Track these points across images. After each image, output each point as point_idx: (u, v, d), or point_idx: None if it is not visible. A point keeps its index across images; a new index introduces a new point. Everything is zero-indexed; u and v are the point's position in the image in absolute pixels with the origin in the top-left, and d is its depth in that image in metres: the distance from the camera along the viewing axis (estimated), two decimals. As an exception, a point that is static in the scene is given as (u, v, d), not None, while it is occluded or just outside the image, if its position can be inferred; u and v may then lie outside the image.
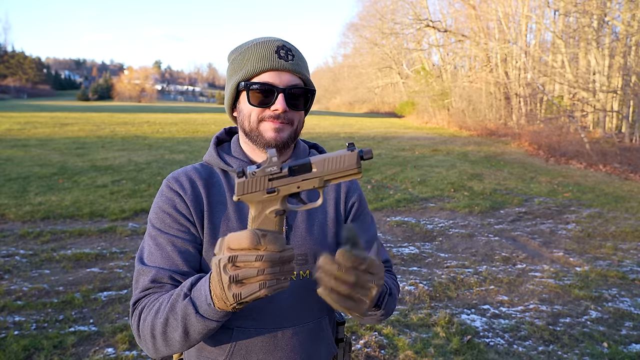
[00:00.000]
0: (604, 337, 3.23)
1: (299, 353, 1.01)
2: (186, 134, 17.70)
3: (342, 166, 0.72)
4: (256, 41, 1.00)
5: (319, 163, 0.73)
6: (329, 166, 0.72)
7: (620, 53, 14.23)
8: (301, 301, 1.00)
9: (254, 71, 0.96)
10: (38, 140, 13.98)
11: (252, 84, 0.96)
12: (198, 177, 1.02)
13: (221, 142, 1.13)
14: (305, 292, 1.00)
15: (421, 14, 28.35)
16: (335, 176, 0.72)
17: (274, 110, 0.96)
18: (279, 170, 0.73)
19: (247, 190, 0.74)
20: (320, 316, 1.05)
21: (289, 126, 0.99)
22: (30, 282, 3.89)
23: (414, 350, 3.00)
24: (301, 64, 1.00)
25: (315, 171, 0.73)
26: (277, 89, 0.95)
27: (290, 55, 0.97)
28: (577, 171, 10.74)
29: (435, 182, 8.82)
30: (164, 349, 0.88)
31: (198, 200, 1.00)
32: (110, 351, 2.91)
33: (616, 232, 5.88)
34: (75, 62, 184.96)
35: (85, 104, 52.02)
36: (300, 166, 0.73)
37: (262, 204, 0.74)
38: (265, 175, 0.73)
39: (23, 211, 5.97)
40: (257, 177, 0.73)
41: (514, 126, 19.90)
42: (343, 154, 0.72)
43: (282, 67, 0.95)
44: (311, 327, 1.03)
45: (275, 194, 0.74)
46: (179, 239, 0.96)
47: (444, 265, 4.60)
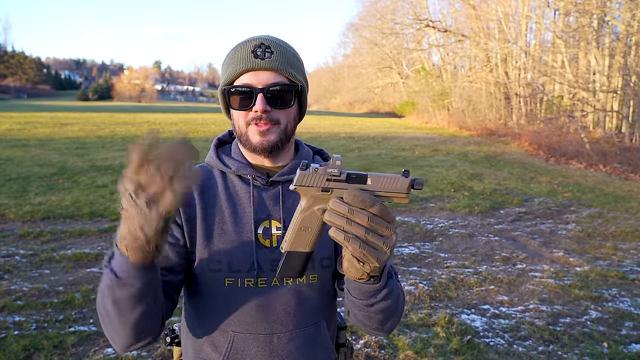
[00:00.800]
0: (604, 337, 3.23)
1: (295, 358, 1.00)
2: (186, 134, 17.67)
3: (394, 187, 0.76)
4: (238, 44, 0.99)
5: (374, 178, 0.76)
6: (382, 184, 0.76)
7: (620, 53, 14.23)
8: (298, 306, 0.99)
9: (233, 75, 0.95)
10: (38, 140, 13.98)
11: (231, 88, 0.95)
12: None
13: (223, 143, 1.13)
14: (301, 297, 0.99)
15: (421, 14, 28.36)
16: (385, 194, 0.76)
17: (254, 112, 0.94)
18: (338, 174, 0.77)
19: (305, 183, 0.78)
20: (318, 321, 1.03)
21: (276, 127, 0.96)
22: (30, 282, 3.89)
23: (414, 350, 3.00)
24: (282, 60, 0.96)
25: (370, 184, 0.76)
26: (255, 90, 0.93)
27: (269, 52, 0.94)
28: (577, 171, 10.74)
29: (435, 182, 8.82)
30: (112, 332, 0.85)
31: (190, 204, 0.99)
32: (110, 351, 2.91)
33: (616, 232, 5.88)
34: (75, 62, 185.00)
35: (85, 104, 52.04)
36: (358, 176, 0.77)
37: (314, 199, 0.79)
38: (325, 174, 0.77)
39: (23, 211, 5.97)
40: (318, 174, 0.78)
41: (514, 126, 19.90)
42: (398, 177, 0.76)
43: (258, 66, 0.94)
44: (308, 332, 1.02)
45: (329, 194, 0.78)
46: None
47: (444, 265, 4.60)
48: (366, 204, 0.73)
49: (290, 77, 0.96)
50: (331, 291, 1.08)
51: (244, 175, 1.02)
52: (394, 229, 0.76)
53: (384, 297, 0.87)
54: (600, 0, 14.24)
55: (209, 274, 0.97)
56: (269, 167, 1.04)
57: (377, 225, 0.73)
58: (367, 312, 0.90)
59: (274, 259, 0.98)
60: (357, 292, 0.86)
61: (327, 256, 1.02)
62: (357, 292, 0.86)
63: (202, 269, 0.98)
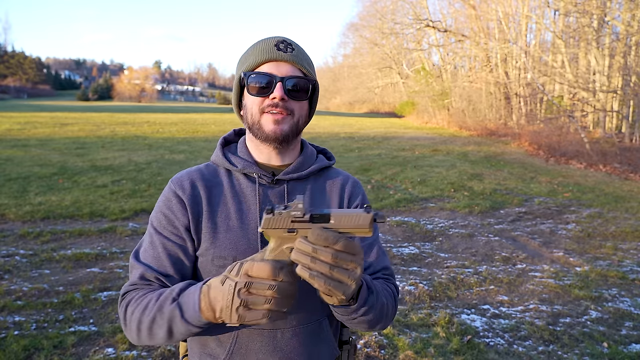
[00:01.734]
0: (604, 337, 3.23)
1: (299, 354, 1.02)
2: (186, 134, 17.69)
3: (356, 224, 0.79)
4: (260, 40, 1.04)
5: (337, 217, 0.80)
6: (345, 221, 0.80)
7: (620, 53, 14.22)
8: (301, 303, 1.00)
9: (254, 64, 1.00)
10: (38, 140, 13.98)
11: (251, 73, 0.99)
12: (200, 178, 1.05)
13: (229, 142, 1.16)
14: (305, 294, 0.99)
15: (421, 14, 28.36)
16: (348, 230, 0.80)
17: (272, 99, 0.97)
18: (301, 216, 0.81)
19: (271, 226, 0.83)
20: (321, 317, 1.06)
21: (289, 117, 1.00)
22: (30, 282, 3.89)
23: (414, 350, 3.00)
24: (302, 57, 1.02)
25: (333, 223, 0.80)
26: (275, 78, 0.97)
27: (290, 48, 1.00)
28: (577, 171, 10.74)
29: (435, 182, 8.82)
30: (147, 341, 0.94)
31: (196, 201, 1.02)
32: (110, 351, 2.91)
33: (616, 232, 5.88)
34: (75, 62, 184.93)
35: (85, 104, 52.02)
36: (321, 216, 0.81)
37: (282, 240, 0.83)
38: (289, 217, 0.82)
39: (23, 211, 5.97)
40: (283, 217, 0.82)
41: (514, 126, 19.90)
42: (360, 214, 0.80)
43: (280, 58, 0.99)
44: (311, 329, 1.04)
45: (294, 234, 0.82)
46: (170, 242, 1.00)
47: (444, 265, 4.60)
48: (329, 241, 0.77)
49: (306, 72, 1.02)
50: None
51: (250, 173, 1.04)
52: (359, 261, 0.80)
53: (364, 313, 0.91)
54: (600, 1, 14.24)
55: (214, 270, 0.99)
56: (274, 166, 1.07)
57: (341, 261, 0.77)
58: (351, 323, 0.96)
59: None
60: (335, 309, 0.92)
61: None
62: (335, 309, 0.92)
63: (208, 265, 1.01)
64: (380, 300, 0.96)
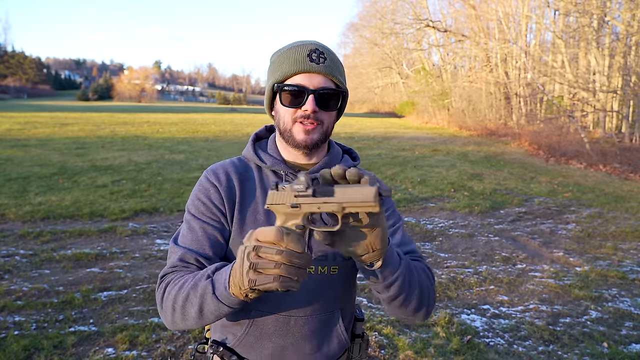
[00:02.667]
0: (604, 337, 3.23)
1: (309, 340, 1.08)
2: (186, 134, 17.69)
3: (361, 198, 0.77)
4: (293, 44, 1.06)
5: (340, 191, 0.78)
6: (348, 195, 0.77)
7: (620, 53, 14.23)
8: (316, 294, 1.06)
9: (287, 74, 1.02)
10: (38, 140, 13.98)
11: (285, 85, 1.02)
12: (234, 171, 1.10)
13: (260, 138, 1.19)
14: (321, 286, 1.07)
15: (421, 14, 28.36)
16: (353, 205, 0.77)
17: (304, 111, 1.01)
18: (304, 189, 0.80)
19: (275, 201, 0.83)
20: (334, 309, 1.10)
21: (319, 127, 1.04)
22: (30, 282, 3.89)
23: (414, 350, 3.00)
24: (333, 67, 1.04)
25: (336, 197, 0.78)
26: (308, 90, 1.01)
27: (322, 58, 1.02)
28: (577, 171, 10.74)
29: (435, 182, 8.82)
30: (180, 322, 0.97)
31: (231, 192, 1.08)
32: (110, 351, 2.91)
33: (616, 232, 5.88)
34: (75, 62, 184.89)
35: (85, 104, 52.03)
36: (324, 190, 0.79)
37: (286, 216, 0.83)
38: (292, 192, 0.81)
39: (23, 211, 5.97)
40: (286, 192, 0.82)
41: (514, 126, 19.90)
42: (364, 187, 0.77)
43: (313, 70, 1.01)
44: (323, 319, 1.09)
45: (298, 209, 0.81)
46: (209, 226, 1.05)
47: (444, 265, 4.60)
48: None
49: (337, 82, 1.05)
50: (350, 282, 1.14)
51: (278, 170, 1.09)
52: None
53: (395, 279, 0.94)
54: (600, 1, 14.24)
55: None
56: (301, 164, 1.11)
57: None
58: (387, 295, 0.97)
59: None
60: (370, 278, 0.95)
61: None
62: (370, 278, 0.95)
63: (234, 252, 1.06)
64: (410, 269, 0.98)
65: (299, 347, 1.08)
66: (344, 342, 1.13)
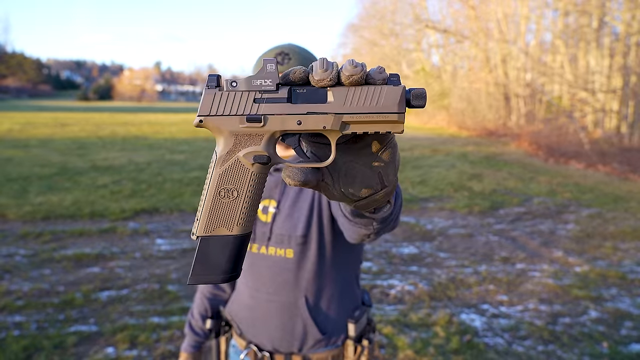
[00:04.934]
0: (604, 337, 3.24)
1: (273, 319, 1.20)
2: (186, 134, 17.70)
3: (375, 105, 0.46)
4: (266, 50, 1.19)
5: (339, 92, 0.47)
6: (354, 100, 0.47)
7: (620, 53, 14.23)
8: (275, 274, 1.18)
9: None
10: (38, 140, 13.98)
11: None
12: None
13: None
14: (279, 268, 1.18)
15: (421, 15, 28.37)
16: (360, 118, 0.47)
17: None
18: (273, 87, 0.47)
19: (216, 111, 0.48)
20: (297, 296, 1.18)
21: None
22: (31, 282, 3.90)
23: (413, 349, 3.01)
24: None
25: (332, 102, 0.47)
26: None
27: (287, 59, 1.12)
28: (576, 171, 10.74)
29: (435, 182, 8.83)
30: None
31: None
32: (110, 351, 2.91)
33: (615, 232, 5.89)
34: (75, 62, 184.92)
35: (85, 104, 52.03)
36: (310, 90, 0.48)
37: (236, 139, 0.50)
38: (251, 91, 0.48)
39: (23, 211, 5.98)
40: (237, 92, 0.48)
41: (513, 126, 19.90)
42: (380, 88, 0.47)
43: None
44: (284, 302, 1.19)
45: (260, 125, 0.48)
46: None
47: (443, 265, 4.61)
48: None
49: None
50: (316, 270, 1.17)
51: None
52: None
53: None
54: (600, 1, 14.24)
55: None
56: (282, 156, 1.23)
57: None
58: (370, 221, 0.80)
59: (264, 231, 1.21)
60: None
61: (301, 235, 1.14)
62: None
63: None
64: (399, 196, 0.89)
65: (265, 323, 1.21)
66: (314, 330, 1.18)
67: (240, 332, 1.26)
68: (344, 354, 1.21)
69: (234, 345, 1.31)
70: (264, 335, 1.21)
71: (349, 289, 1.24)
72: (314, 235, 1.16)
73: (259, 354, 1.21)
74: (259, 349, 1.21)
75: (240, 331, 1.26)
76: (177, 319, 3.31)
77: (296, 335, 1.19)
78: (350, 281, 1.26)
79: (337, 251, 1.18)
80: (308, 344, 1.19)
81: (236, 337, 1.29)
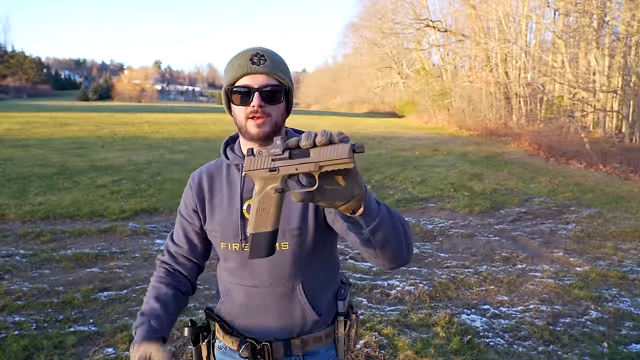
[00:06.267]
0: (604, 337, 3.23)
1: (271, 311, 1.24)
2: (186, 134, 17.69)
3: (336, 154, 0.79)
4: (238, 53, 1.21)
5: (316, 151, 0.81)
6: (325, 153, 0.80)
7: (620, 53, 14.21)
8: (272, 267, 1.22)
9: (234, 77, 1.18)
10: (38, 140, 13.97)
11: (234, 87, 1.18)
12: (206, 172, 1.32)
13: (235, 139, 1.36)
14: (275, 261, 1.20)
15: (421, 14, 28.34)
16: (329, 163, 0.80)
17: (252, 107, 1.16)
18: (280, 152, 0.84)
19: (253, 167, 0.86)
20: (293, 283, 1.23)
21: (269, 119, 1.18)
22: (30, 282, 3.89)
23: (414, 350, 3.00)
24: (274, 66, 1.18)
25: (312, 157, 0.81)
26: (253, 89, 1.15)
27: (263, 60, 1.17)
28: (577, 171, 10.74)
29: (435, 182, 8.82)
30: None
31: (201, 191, 1.31)
32: (110, 351, 2.91)
33: (616, 232, 5.88)
34: (75, 62, 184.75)
35: (85, 104, 52.02)
36: (300, 151, 0.82)
37: (265, 181, 0.86)
38: (269, 155, 0.85)
39: (23, 211, 5.97)
40: (263, 157, 0.86)
41: (514, 126, 19.88)
42: (338, 145, 0.80)
43: (255, 71, 1.16)
44: (282, 291, 1.23)
45: (276, 173, 0.85)
46: (185, 221, 1.34)
47: (444, 265, 4.60)
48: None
49: (279, 79, 1.18)
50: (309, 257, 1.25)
51: (238, 164, 1.27)
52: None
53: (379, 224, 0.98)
54: (600, 1, 14.22)
55: (213, 240, 1.30)
56: None
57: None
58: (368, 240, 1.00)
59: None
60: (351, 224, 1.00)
61: (296, 227, 1.21)
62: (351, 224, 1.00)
63: (210, 236, 1.31)
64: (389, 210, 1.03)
65: (263, 317, 1.25)
66: (311, 313, 1.24)
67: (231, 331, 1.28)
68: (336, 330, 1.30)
69: (221, 347, 1.33)
70: (262, 326, 1.25)
71: (335, 270, 1.35)
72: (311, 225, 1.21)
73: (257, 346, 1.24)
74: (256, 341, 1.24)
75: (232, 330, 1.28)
76: (177, 319, 3.30)
77: (295, 321, 1.24)
78: (335, 262, 1.36)
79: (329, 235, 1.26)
80: (306, 327, 1.25)
81: (224, 337, 1.30)
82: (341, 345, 1.31)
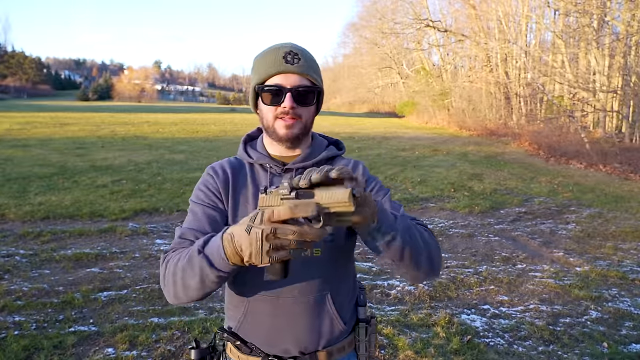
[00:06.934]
0: (604, 337, 3.23)
1: (300, 321, 1.15)
2: (186, 134, 17.70)
3: (337, 199, 0.83)
4: (269, 48, 1.16)
5: (319, 194, 0.85)
6: (327, 196, 0.84)
7: (620, 53, 14.21)
8: (302, 276, 1.14)
9: (265, 75, 1.12)
10: (38, 140, 13.98)
11: (265, 86, 1.13)
12: (229, 166, 1.23)
13: (253, 138, 1.32)
14: (306, 268, 1.14)
15: (421, 14, 28.35)
16: (330, 206, 0.84)
17: (283, 108, 1.11)
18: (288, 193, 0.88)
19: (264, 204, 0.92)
20: (322, 291, 1.17)
21: (299, 121, 1.14)
22: (30, 282, 3.89)
23: (414, 350, 3.00)
24: (307, 66, 1.13)
25: (316, 198, 0.85)
26: (285, 89, 1.11)
27: (297, 59, 1.12)
28: (577, 171, 10.74)
29: (435, 182, 8.82)
30: (182, 293, 1.05)
31: (227, 182, 1.21)
32: (110, 351, 2.91)
33: (616, 232, 5.88)
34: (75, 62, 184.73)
35: (85, 104, 52.02)
36: (305, 194, 0.87)
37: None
38: (278, 195, 0.90)
39: (23, 211, 5.97)
40: (273, 195, 0.91)
41: (514, 126, 19.88)
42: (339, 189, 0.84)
43: (288, 70, 1.11)
44: (311, 300, 1.16)
45: None
46: (208, 208, 1.18)
47: (444, 265, 4.60)
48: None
49: (312, 80, 1.14)
50: (338, 264, 1.20)
51: (263, 164, 1.22)
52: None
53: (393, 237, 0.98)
54: (600, 1, 14.23)
55: None
56: (285, 156, 1.22)
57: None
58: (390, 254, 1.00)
59: None
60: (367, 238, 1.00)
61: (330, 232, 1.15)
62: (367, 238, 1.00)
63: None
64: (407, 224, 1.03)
65: (292, 327, 1.15)
66: (339, 323, 1.19)
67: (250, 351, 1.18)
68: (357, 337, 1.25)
69: None
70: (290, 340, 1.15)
71: (355, 277, 1.31)
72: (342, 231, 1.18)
73: None
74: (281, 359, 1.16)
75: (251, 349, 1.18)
76: (177, 319, 3.30)
77: (323, 333, 1.18)
78: (354, 268, 1.32)
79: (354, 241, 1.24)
80: (333, 338, 1.19)
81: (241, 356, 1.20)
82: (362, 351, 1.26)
